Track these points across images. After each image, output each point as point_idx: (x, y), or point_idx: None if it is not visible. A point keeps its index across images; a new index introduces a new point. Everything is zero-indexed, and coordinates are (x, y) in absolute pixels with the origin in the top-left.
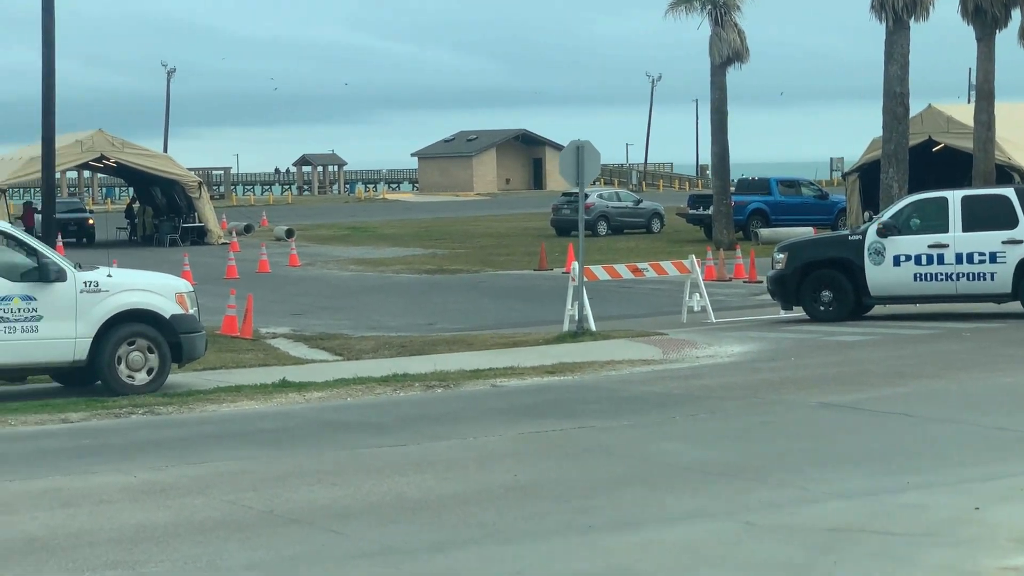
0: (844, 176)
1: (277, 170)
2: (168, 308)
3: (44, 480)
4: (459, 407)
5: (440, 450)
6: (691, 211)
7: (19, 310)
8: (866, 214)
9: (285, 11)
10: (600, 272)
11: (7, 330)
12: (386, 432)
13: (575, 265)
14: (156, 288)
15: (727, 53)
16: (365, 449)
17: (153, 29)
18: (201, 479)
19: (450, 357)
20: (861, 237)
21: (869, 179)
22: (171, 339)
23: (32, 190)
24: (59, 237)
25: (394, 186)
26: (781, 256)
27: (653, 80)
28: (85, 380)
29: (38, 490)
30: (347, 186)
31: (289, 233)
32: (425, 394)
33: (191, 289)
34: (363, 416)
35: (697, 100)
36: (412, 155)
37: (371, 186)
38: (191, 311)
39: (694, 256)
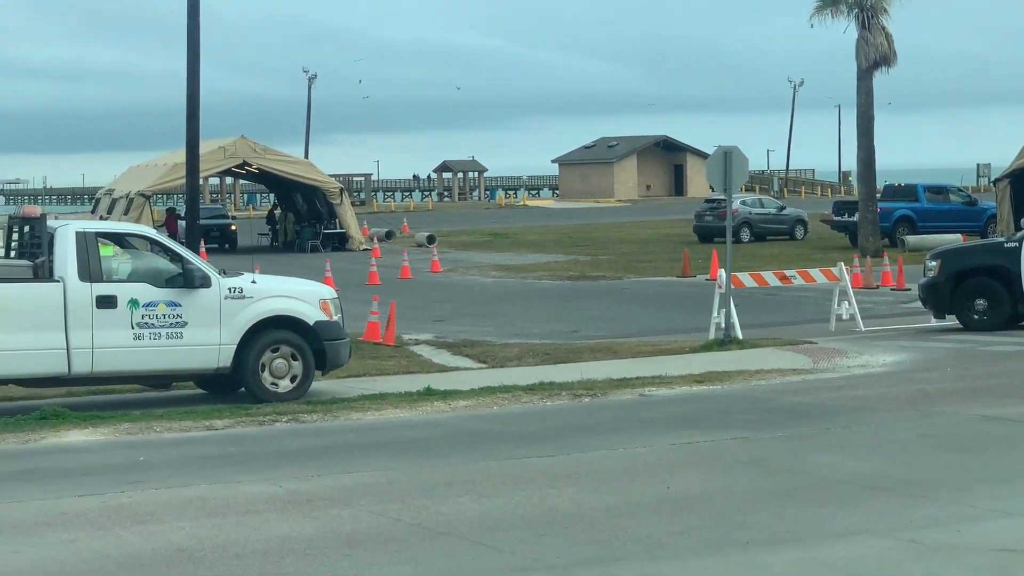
0: (994, 182)
1: (415, 176)
2: (312, 315)
3: (190, 489)
4: (607, 417)
5: (589, 461)
6: (836, 218)
7: (164, 316)
8: (1023, 221)
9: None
10: (746, 279)
11: (152, 336)
12: (534, 442)
13: (721, 272)
14: (300, 294)
15: (874, 57)
16: (513, 459)
17: (295, 36)
18: (347, 489)
19: (596, 365)
20: (1018, 244)
21: (1021, 185)
22: (315, 346)
23: (175, 196)
24: (202, 243)
25: (534, 192)
26: (934, 263)
27: (795, 85)
28: (229, 387)
29: (184, 499)
30: (487, 192)
31: (430, 239)
32: (572, 403)
33: (335, 295)
34: (510, 425)
35: (840, 105)
36: (552, 161)
37: (511, 192)
38: (335, 318)
39: (843, 263)
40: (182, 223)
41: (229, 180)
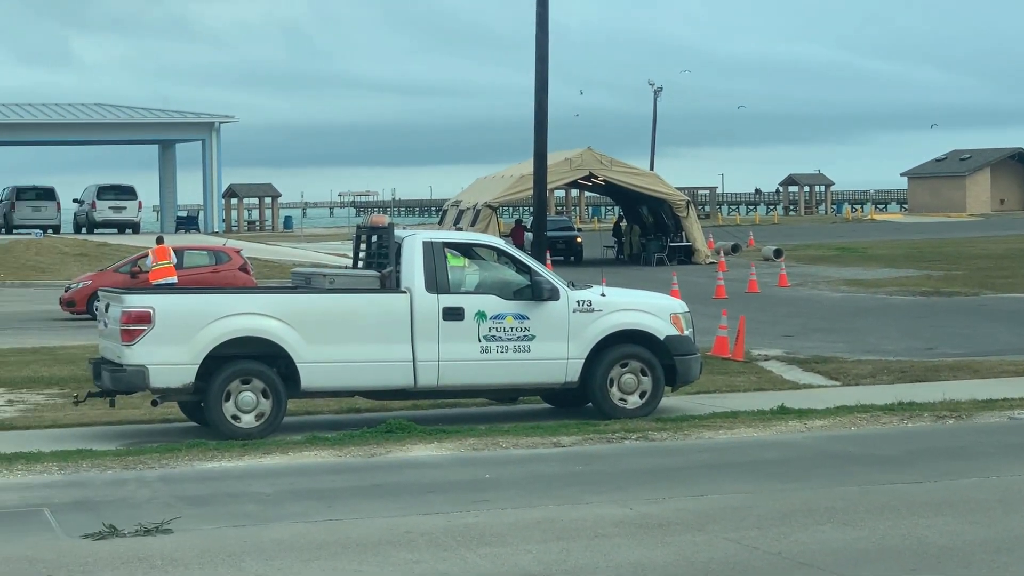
0: None
1: (757, 190)
2: (663, 329)
3: (536, 510)
4: (974, 440)
5: (960, 489)
6: None
7: (512, 329)
8: None
9: (771, 32)
10: None
11: (500, 349)
12: (897, 466)
13: None
14: (650, 308)
15: None
16: (876, 485)
17: (638, 50)
18: (701, 514)
19: (956, 384)
20: None
21: None
22: (665, 361)
23: (521, 208)
24: (548, 255)
25: (881, 206)
26: None
27: None
28: (575, 402)
29: (531, 520)
30: (834, 206)
31: (777, 253)
32: (934, 425)
33: (686, 309)
34: (870, 448)
35: None
36: (901, 175)
37: (858, 206)
38: (686, 332)
39: None
40: (529, 235)
41: (575, 192)
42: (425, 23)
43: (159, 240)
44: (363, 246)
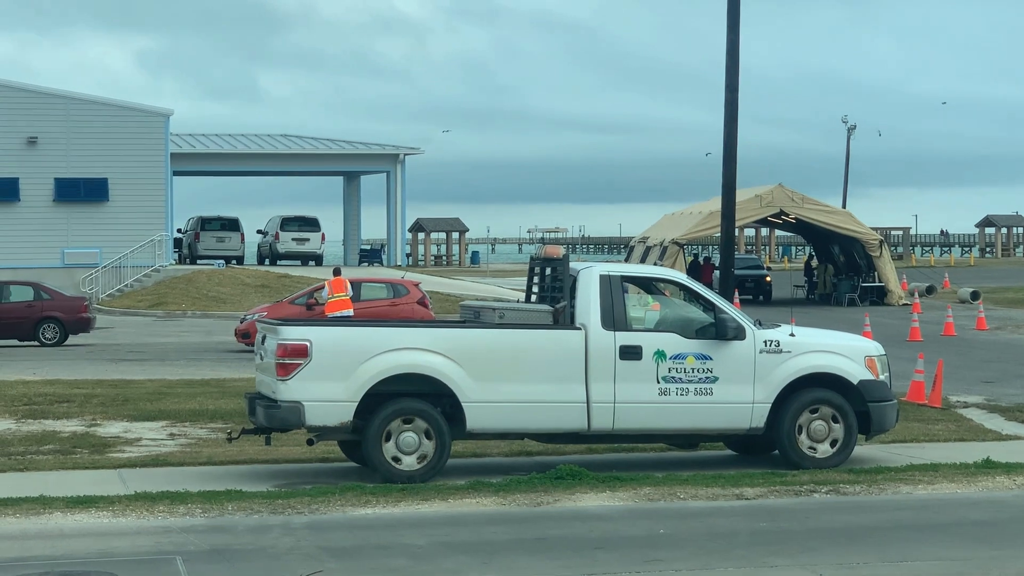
0: None
1: (943, 232)
2: (856, 373)
3: (716, 572)
4: None
5: None
6: None
7: (693, 370)
8: None
9: (966, 70)
10: None
11: (680, 392)
12: None
13: None
14: (843, 350)
15: None
16: None
17: (825, 88)
18: None
19: None
20: None
21: None
22: (858, 408)
23: (709, 247)
24: (735, 294)
25: None
26: None
27: None
28: (760, 449)
29: None
30: None
31: (974, 295)
32: None
33: (882, 352)
34: None
35: None
36: None
37: None
38: (881, 377)
39: None
40: (716, 273)
41: (764, 231)
42: (609, 59)
43: (336, 272)
44: (536, 279)
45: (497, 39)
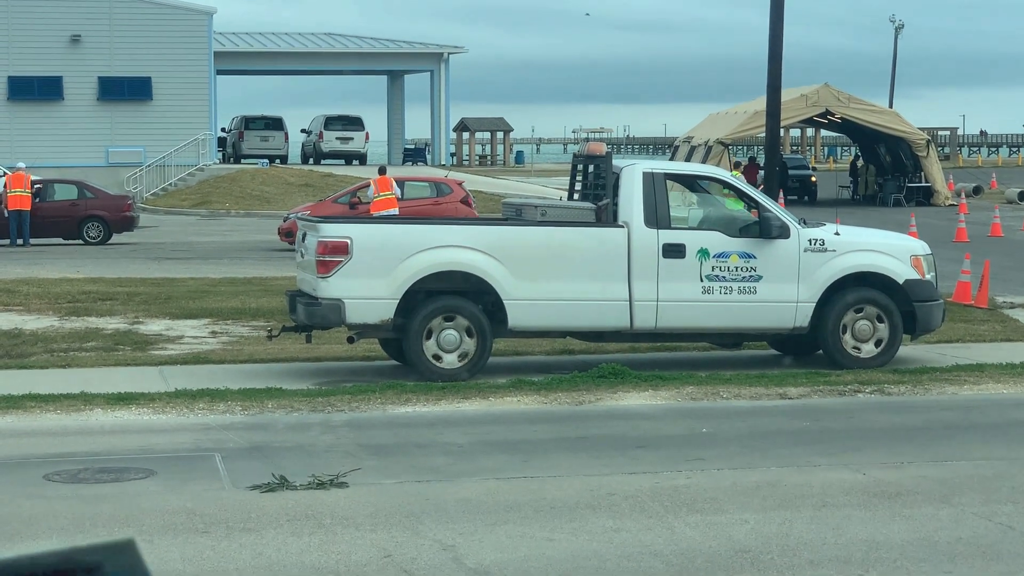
0: None
1: (982, 132)
2: (902, 272)
3: (757, 472)
4: None
5: None
6: None
7: (736, 268)
8: None
9: None
10: None
11: (723, 291)
12: None
13: None
14: (889, 249)
15: None
16: None
17: None
18: (944, 483)
19: None
20: None
21: None
22: (904, 307)
23: (754, 148)
24: (780, 194)
25: None
26: None
27: None
28: (804, 349)
29: (750, 484)
30: None
31: (1022, 196)
32: None
33: (928, 251)
34: None
35: None
36: None
37: None
38: (927, 276)
39: None
40: (762, 173)
41: (810, 132)
42: None
43: (381, 170)
44: (579, 177)
45: None
